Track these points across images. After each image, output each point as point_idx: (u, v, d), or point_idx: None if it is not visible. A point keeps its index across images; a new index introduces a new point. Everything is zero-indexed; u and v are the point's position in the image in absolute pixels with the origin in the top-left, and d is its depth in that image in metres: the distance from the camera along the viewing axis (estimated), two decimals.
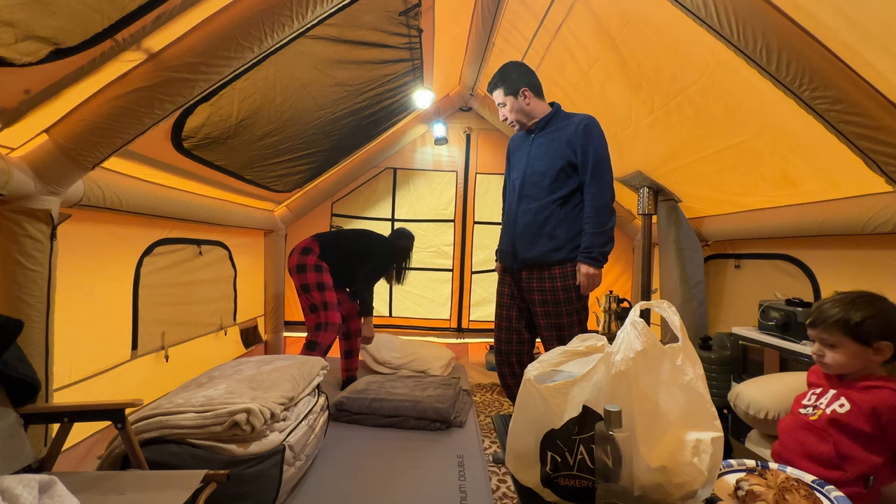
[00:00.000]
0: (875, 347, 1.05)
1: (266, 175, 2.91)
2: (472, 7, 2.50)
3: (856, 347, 1.06)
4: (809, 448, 1.08)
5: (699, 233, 2.87)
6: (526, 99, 2.01)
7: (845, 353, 1.08)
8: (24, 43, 1.12)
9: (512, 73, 2.03)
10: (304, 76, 2.12)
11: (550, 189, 1.96)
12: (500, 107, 2.08)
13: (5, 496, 0.87)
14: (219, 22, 1.40)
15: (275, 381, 1.71)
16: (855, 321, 1.06)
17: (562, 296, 1.94)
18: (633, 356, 0.83)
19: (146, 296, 2.24)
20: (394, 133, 3.79)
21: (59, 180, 1.48)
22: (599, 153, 1.91)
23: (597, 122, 1.97)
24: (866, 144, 1.48)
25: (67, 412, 1.28)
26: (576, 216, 1.96)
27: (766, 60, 1.44)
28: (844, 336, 1.07)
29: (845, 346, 1.08)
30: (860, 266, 1.97)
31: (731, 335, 2.28)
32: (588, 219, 1.91)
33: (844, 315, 1.07)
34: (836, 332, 1.08)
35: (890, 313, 1.06)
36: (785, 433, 1.19)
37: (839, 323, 1.08)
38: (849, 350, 1.07)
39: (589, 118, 1.97)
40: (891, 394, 1.01)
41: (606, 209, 1.92)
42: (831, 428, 1.05)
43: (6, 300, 1.42)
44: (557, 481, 0.89)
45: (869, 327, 1.05)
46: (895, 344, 1.04)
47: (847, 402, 1.05)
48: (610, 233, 1.93)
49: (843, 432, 1.03)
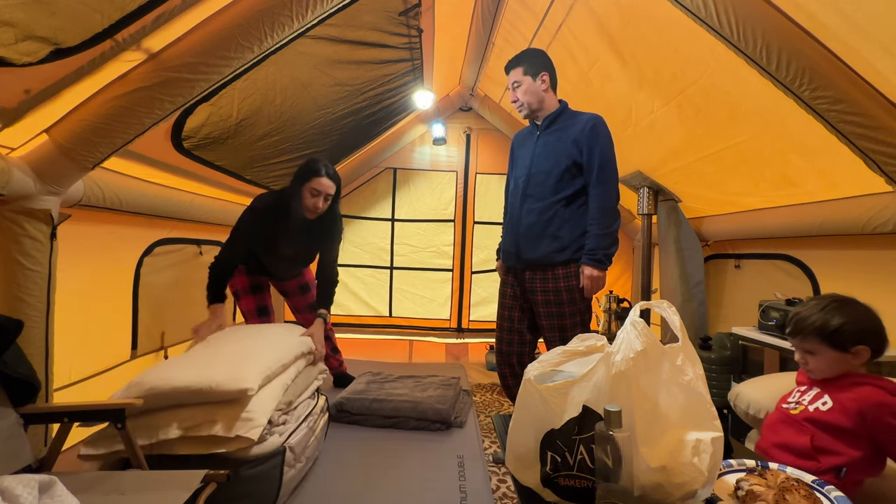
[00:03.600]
0: (853, 352, 1.07)
1: (266, 175, 2.91)
2: (472, 7, 2.50)
3: (835, 354, 1.09)
4: (786, 438, 1.11)
5: (699, 233, 2.87)
6: (543, 84, 1.96)
7: (825, 359, 1.10)
8: (24, 43, 1.12)
9: (536, 56, 2.00)
10: (304, 76, 2.12)
11: (555, 189, 1.93)
12: (514, 87, 2.00)
13: (5, 496, 0.87)
14: (219, 22, 1.40)
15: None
16: (831, 329, 1.08)
17: (565, 297, 1.93)
18: (633, 356, 0.83)
19: (146, 296, 2.24)
20: (394, 133, 3.79)
21: (59, 180, 1.48)
22: (606, 154, 1.88)
23: (604, 122, 1.93)
24: (866, 144, 1.48)
25: (67, 412, 1.28)
26: (580, 217, 1.93)
27: (766, 60, 1.44)
28: (822, 344, 1.10)
29: (824, 353, 1.10)
30: (860, 266, 1.97)
31: (731, 335, 2.28)
32: (593, 220, 1.88)
33: (820, 323, 1.10)
34: (814, 341, 1.11)
35: (863, 317, 1.08)
36: (766, 427, 1.22)
37: (816, 332, 1.10)
38: (828, 357, 1.10)
39: (596, 118, 1.93)
40: (872, 390, 1.04)
41: (612, 211, 1.90)
42: (809, 423, 1.08)
43: (6, 300, 1.42)
44: (557, 481, 0.89)
45: (845, 334, 1.07)
46: (871, 346, 1.06)
47: (830, 399, 1.08)
48: (615, 235, 1.92)
49: (822, 428, 1.06)
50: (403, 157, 3.98)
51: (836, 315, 1.08)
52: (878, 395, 1.03)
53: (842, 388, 1.08)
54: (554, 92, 2.02)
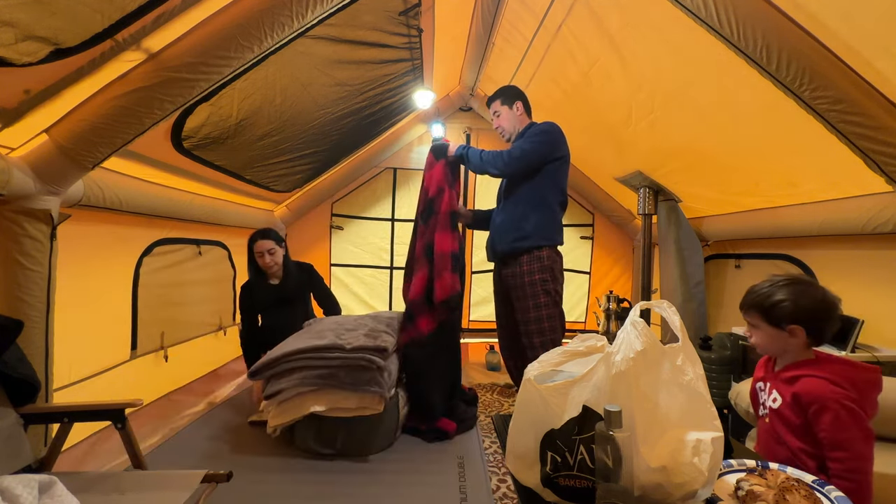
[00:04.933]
0: (787, 330, 1.06)
1: (266, 175, 2.91)
2: (472, 7, 2.50)
3: (771, 330, 1.09)
4: (770, 448, 1.10)
5: (699, 233, 2.87)
6: (518, 111, 2.37)
7: (763, 335, 1.11)
8: (24, 43, 1.12)
9: (511, 89, 2.42)
10: (304, 76, 2.12)
11: (508, 191, 2.33)
12: (496, 116, 2.43)
13: (5, 496, 0.87)
14: (219, 22, 1.40)
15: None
16: (767, 305, 1.08)
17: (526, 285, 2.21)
18: (633, 356, 0.83)
19: (146, 296, 2.24)
20: (394, 133, 3.79)
21: (59, 180, 1.48)
22: (520, 146, 2.20)
23: (543, 127, 2.23)
24: (866, 144, 1.48)
25: (67, 412, 1.28)
26: (538, 212, 2.23)
27: (766, 60, 1.44)
28: (761, 319, 1.10)
29: (762, 328, 1.11)
30: (860, 266, 1.97)
31: (731, 335, 2.28)
32: (486, 154, 2.26)
33: (760, 299, 1.10)
34: (755, 315, 1.12)
35: (803, 299, 1.06)
36: (759, 435, 1.21)
37: (755, 306, 1.11)
38: (766, 332, 1.10)
39: (534, 125, 2.29)
40: (812, 382, 1.02)
41: (491, 164, 2.23)
42: (778, 424, 1.08)
43: (6, 300, 1.42)
44: (557, 481, 0.89)
45: (780, 311, 1.06)
46: (805, 328, 1.05)
47: (778, 395, 1.08)
48: (477, 165, 2.28)
49: (784, 426, 1.05)
50: (403, 156, 3.98)
51: (779, 292, 1.07)
52: (817, 386, 1.00)
53: (785, 381, 1.08)
54: (528, 115, 2.42)
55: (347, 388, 1.88)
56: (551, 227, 2.26)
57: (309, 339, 2.02)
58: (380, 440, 1.99)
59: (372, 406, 1.89)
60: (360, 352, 1.90)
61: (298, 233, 3.90)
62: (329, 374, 1.89)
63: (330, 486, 1.70)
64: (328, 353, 1.90)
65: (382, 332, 2.13)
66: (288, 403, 1.92)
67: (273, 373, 1.94)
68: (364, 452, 1.94)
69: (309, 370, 1.90)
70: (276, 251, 2.49)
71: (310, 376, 1.90)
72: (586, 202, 4.01)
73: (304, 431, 1.95)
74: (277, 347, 2.01)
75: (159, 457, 1.84)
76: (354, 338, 1.99)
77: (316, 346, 1.92)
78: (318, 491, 1.67)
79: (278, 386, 1.91)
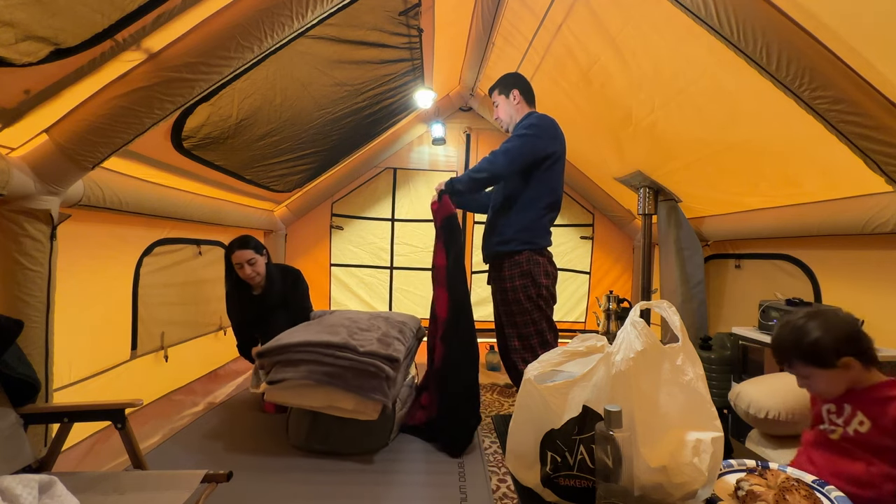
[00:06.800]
0: (840, 366, 1.01)
1: (266, 175, 2.91)
2: (472, 7, 2.50)
3: (825, 373, 1.03)
4: (839, 467, 1.03)
5: (699, 233, 2.87)
6: (515, 100, 2.26)
7: (821, 380, 1.05)
8: (24, 43, 1.12)
9: (508, 78, 2.31)
10: (304, 76, 2.12)
11: (498, 192, 2.27)
12: (496, 106, 2.34)
13: (5, 496, 0.87)
14: (219, 22, 1.40)
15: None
16: (807, 349, 1.03)
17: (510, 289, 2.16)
18: (633, 356, 0.83)
19: (146, 296, 2.24)
20: (394, 133, 3.79)
21: (59, 180, 1.48)
22: (505, 142, 2.11)
23: (531, 120, 2.12)
24: (866, 144, 1.48)
25: (67, 412, 1.28)
26: (523, 214, 2.15)
27: (766, 60, 1.44)
28: (808, 366, 1.05)
29: (815, 374, 1.05)
30: (860, 266, 1.97)
31: (731, 335, 2.28)
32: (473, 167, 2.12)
33: (796, 347, 1.04)
34: (799, 365, 1.06)
35: (832, 327, 1.02)
36: (811, 447, 1.14)
37: (796, 355, 1.06)
38: (821, 377, 1.04)
39: (529, 116, 2.18)
40: None
41: (482, 172, 2.08)
42: (856, 447, 1.01)
43: (6, 300, 1.42)
44: (557, 481, 0.89)
45: (822, 349, 1.01)
46: (853, 354, 1.00)
47: (866, 419, 1.01)
48: (473, 183, 2.10)
49: (870, 451, 0.99)
50: (403, 157, 3.98)
51: (806, 334, 1.02)
52: None
53: (872, 402, 1.00)
54: (528, 102, 2.29)
55: (352, 390, 1.86)
56: (532, 229, 2.14)
57: (320, 331, 1.99)
58: (373, 440, 1.98)
59: (368, 412, 1.87)
60: (372, 357, 1.87)
61: (298, 233, 3.90)
62: (337, 374, 1.86)
63: (330, 486, 1.70)
64: (339, 353, 1.87)
65: (395, 338, 2.09)
66: (288, 390, 1.91)
67: (281, 359, 1.92)
68: (357, 451, 1.93)
69: (317, 365, 1.87)
70: (256, 261, 2.35)
71: (317, 371, 1.87)
72: (586, 202, 4.01)
73: (298, 424, 1.96)
74: (287, 334, 1.98)
75: (159, 457, 1.84)
76: (367, 341, 1.96)
77: (329, 342, 1.88)
78: (318, 491, 1.67)
79: (284, 374, 1.89)
